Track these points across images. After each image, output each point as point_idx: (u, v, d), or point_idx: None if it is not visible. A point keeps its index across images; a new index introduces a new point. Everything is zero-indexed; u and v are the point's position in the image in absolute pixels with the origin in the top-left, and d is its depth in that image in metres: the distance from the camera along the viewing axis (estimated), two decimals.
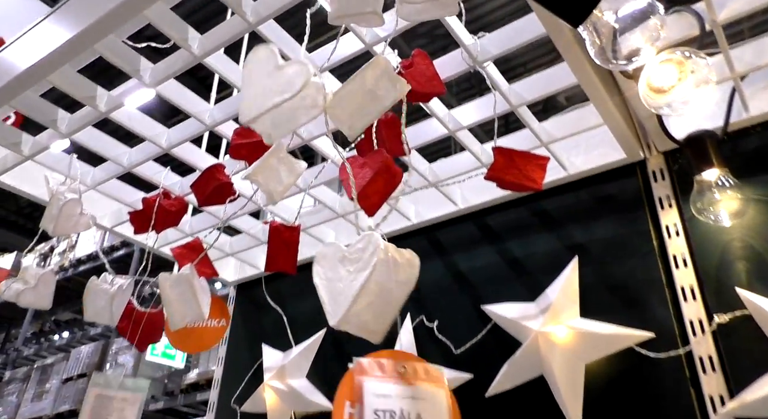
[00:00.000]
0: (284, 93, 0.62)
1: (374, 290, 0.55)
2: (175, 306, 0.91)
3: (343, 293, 0.57)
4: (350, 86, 0.67)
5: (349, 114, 0.69)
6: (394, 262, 0.56)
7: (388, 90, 0.68)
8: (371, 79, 0.68)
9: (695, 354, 1.02)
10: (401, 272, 0.56)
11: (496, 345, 1.27)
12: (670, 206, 1.16)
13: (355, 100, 0.68)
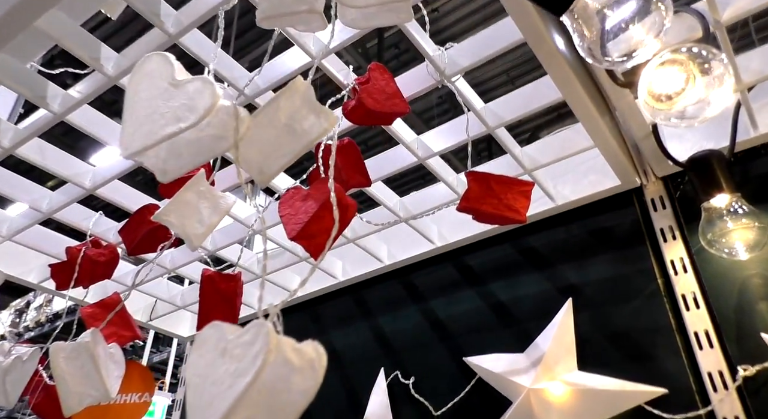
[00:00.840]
0: (180, 121, 0.46)
1: (258, 401, 0.38)
2: (72, 385, 0.72)
3: (213, 403, 0.39)
4: (259, 120, 0.52)
5: (259, 154, 0.53)
6: (287, 364, 0.39)
7: (310, 123, 0.53)
8: (286, 110, 0.52)
9: (718, 414, 0.85)
10: (298, 378, 0.39)
11: (482, 404, 1.09)
12: (674, 239, 1.01)
13: (268, 138, 0.52)
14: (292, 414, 0.38)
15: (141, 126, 0.49)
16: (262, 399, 0.37)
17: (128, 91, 0.52)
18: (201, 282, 0.85)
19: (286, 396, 0.38)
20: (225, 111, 0.48)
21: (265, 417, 0.37)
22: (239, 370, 0.38)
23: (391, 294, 1.35)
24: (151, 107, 0.49)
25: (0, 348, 0.87)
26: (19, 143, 0.93)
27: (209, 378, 0.39)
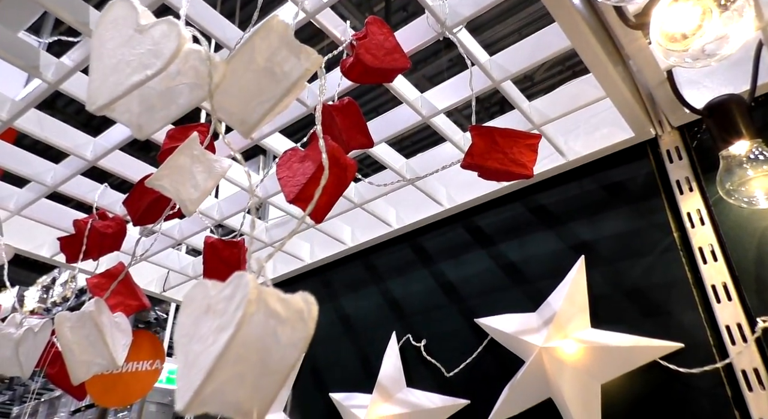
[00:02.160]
0: (147, 68, 0.44)
1: (242, 355, 0.36)
2: (77, 354, 0.72)
3: (197, 361, 0.37)
4: (235, 64, 0.49)
5: (239, 102, 0.50)
6: (273, 315, 0.37)
7: (292, 65, 0.50)
8: (263, 52, 0.49)
9: (737, 367, 0.83)
10: (287, 331, 0.37)
11: (495, 364, 1.08)
12: (691, 190, 0.97)
13: (246, 84, 0.49)
14: (283, 369, 0.36)
15: (107, 78, 0.46)
16: (250, 354, 0.36)
17: (93, 42, 0.50)
18: (204, 249, 0.84)
19: (276, 350, 0.36)
20: (196, 56, 0.46)
21: (255, 373, 0.36)
22: (221, 325, 0.36)
23: (400, 258, 1.34)
24: (116, 57, 0.46)
25: (11, 320, 0.88)
26: (17, 114, 0.92)
27: (194, 336, 0.37)
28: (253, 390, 0.36)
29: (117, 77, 0.46)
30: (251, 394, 0.36)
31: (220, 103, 0.48)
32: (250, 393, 0.36)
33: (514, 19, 4.16)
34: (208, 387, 0.34)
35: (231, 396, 0.36)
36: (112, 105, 0.46)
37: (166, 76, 0.44)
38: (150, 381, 0.98)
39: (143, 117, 0.48)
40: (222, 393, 0.35)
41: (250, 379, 0.36)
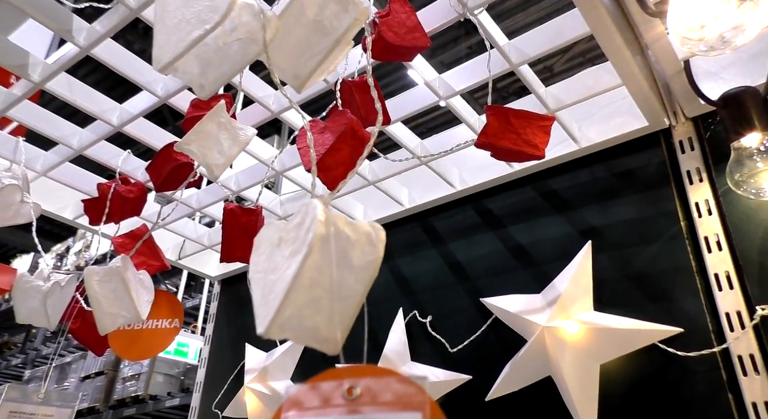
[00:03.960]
0: (206, 23, 0.46)
1: (317, 280, 0.39)
2: (105, 306, 0.77)
3: (274, 289, 0.41)
4: (286, 19, 0.51)
5: (290, 57, 0.52)
6: (343, 239, 0.39)
7: (340, 16, 0.52)
8: (312, 5, 0.51)
9: (733, 352, 0.86)
10: (357, 253, 0.39)
11: (498, 342, 1.11)
12: (701, 181, 0.99)
13: (297, 38, 0.52)
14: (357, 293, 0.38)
15: (170, 37, 0.49)
16: (324, 279, 0.38)
17: (156, 5, 0.52)
18: (223, 215, 0.87)
19: (348, 273, 0.38)
20: (249, 11, 0.48)
21: (330, 297, 0.38)
22: (294, 250, 0.39)
23: (411, 237, 1.37)
24: (177, 16, 0.49)
25: (39, 274, 0.93)
26: (48, 77, 0.96)
27: (269, 269, 0.40)
28: (330, 315, 0.39)
29: (179, 35, 0.48)
30: (328, 319, 0.39)
31: (273, 58, 0.50)
32: (328, 319, 0.39)
33: (536, 8, 4.12)
34: (286, 311, 0.37)
35: (309, 321, 0.38)
36: (175, 63, 0.49)
37: (222, 34, 0.47)
38: (168, 338, 1.03)
39: (204, 76, 0.50)
40: (300, 318, 0.37)
41: (326, 304, 0.38)
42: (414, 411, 0.51)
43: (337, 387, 0.49)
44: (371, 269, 0.44)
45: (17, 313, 0.92)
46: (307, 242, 0.40)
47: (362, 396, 0.49)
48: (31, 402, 0.90)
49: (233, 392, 1.49)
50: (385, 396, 0.51)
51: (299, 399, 0.61)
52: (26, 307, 0.89)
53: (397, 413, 0.50)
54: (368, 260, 0.43)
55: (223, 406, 1.51)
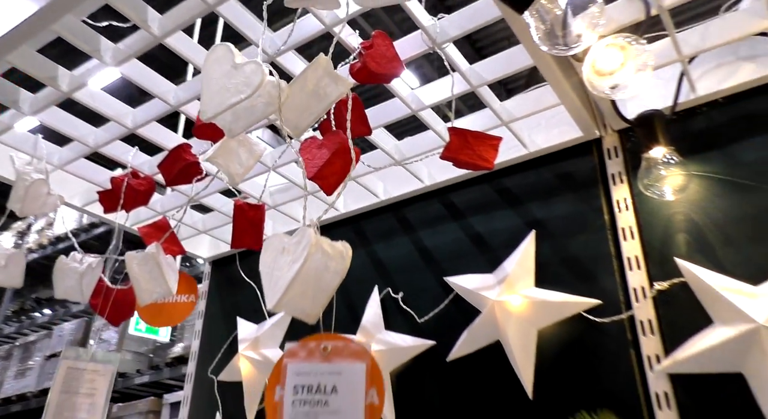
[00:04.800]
0: (241, 93, 0.64)
1: (307, 278, 0.60)
2: (143, 283, 0.95)
3: (279, 281, 0.61)
4: (294, 88, 0.70)
5: (294, 114, 0.72)
6: (325, 254, 0.60)
7: (331, 88, 0.71)
8: (312, 79, 0.70)
9: (637, 318, 1.10)
10: (333, 263, 0.61)
11: (457, 313, 1.34)
12: (622, 182, 1.22)
13: (299, 101, 0.71)
14: (331, 288, 0.60)
15: (213, 98, 0.67)
16: (311, 279, 0.60)
17: (203, 73, 0.70)
18: (234, 210, 1.06)
19: (326, 276, 0.60)
20: (271, 84, 0.67)
21: (313, 289, 0.60)
22: (293, 259, 0.60)
23: (385, 226, 1.57)
24: (219, 84, 0.67)
25: (73, 258, 1.10)
26: (76, 87, 1.11)
27: (274, 268, 0.61)
28: (312, 301, 0.60)
29: (220, 98, 0.66)
30: (312, 303, 0.60)
31: (283, 115, 0.70)
32: (311, 302, 0.60)
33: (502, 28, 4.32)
34: (285, 297, 0.58)
35: (300, 303, 0.59)
36: (216, 116, 0.67)
37: (251, 98, 0.65)
38: (187, 310, 1.21)
39: (234, 124, 0.68)
40: (294, 301, 0.58)
41: (310, 294, 0.59)
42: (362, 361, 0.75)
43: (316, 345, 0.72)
44: (341, 273, 0.65)
45: (56, 290, 1.09)
46: (303, 256, 0.61)
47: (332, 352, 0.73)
48: (82, 360, 1.07)
49: (226, 360, 1.68)
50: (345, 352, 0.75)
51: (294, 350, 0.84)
52: (64, 285, 1.06)
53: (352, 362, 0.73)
54: (340, 268, 0.64)
55: (217, 372, 1.70)
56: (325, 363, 0.72)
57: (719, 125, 1.13)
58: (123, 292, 1.22)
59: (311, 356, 0.73)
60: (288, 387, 0.71)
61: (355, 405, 0.70)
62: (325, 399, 0.71)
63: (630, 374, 1.08)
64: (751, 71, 1.10)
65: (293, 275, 0.58)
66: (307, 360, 0.72)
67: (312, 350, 0.72)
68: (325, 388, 0.72)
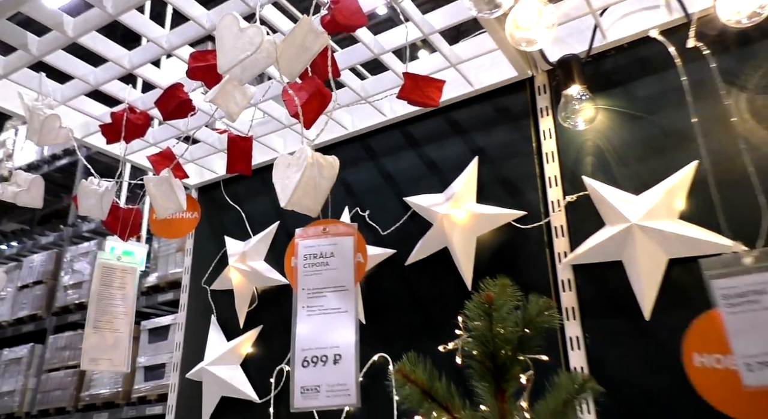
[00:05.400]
0: (247, 51, 0.84)
1: (308, 182, 0.84)
2: (160, 201, 1.18)
3: (287, 187, 0.85)
4: (286, 44, 0.91)
5: (288, 64, 0.93)
6: (319, 165, 0.84)
7: (313, 42, 0.92)
8: (300, 36, 0.91)
9: (552, 224, 1.40)
10: (326, 171, 0.85)
11: (414, 227, 1.62)
12: (548, 115, 1.48)
13: (291, 54, 0.92)
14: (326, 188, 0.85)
15: (226, 56, 0.87)
16: (310, 182, 0.84)
17: (217, 37, 0.90)
18: (228, 142, 1.27)
19: (322, 181, 0.84)
20: (269, 42, 0.88)
21: (313, 191, 0.84)
22: (297, 169, 0.84)
23: (353, 154, 1.81)
24: (229, 44, 0.87)
25: (91, 181, 1.31)
26: (81, 33, 1.27)
27: (284, 177, 0.85)
28: (313, 199, 0.85)
29: (232, 56, 0.86)
30: (313, 201, 0.85)
31: (279, 65, 0.91)
32: (312, 201, 0.85)
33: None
34: (294, 198, 0.82)
35: (304, 201, 0.84)
36: (230, 70, 0.87)
37: (255, 53, 0.86)
38: (192, 225, 1.45)
39: (243, 75, 0.89)
40: (300, 200, 0.83)
41: (311, 194, 0.84)
42: (351, 236, 1.02)
43: (318, 228, 0.99)
44: (332, 177, 0.90)
45: (80, 207, 1.31)
46: (303, 166, 0.85)
47: (329, 230, 0.99)
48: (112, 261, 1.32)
49: (217, 272, 1.95)
50: (339, 230, 1.02)
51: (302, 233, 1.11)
52: (87, 203, 1.28)
53: (344, 236, 1.01)
54: (332, 174, 0.89)
55: (209, 283, 1.98)
56: (324, 238, 0.98)
57: (622, 67, 1.39)
58: (131, 212, 1.45)
59: (315, 235, 0.99)
60: (300, 256, 0.97)
61: (347, 263, 0.97)
62: (326, 261, 0.98)
63: (544, 266, 1.39)
64: (648, 20, 1.34)
65: (297, 181, 0.82)
66: (312, 237, 0.98)
67: (315, 231, 0.98)
68: (325, 254, 0.99)
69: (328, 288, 0.98)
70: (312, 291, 0.98)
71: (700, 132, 1.23)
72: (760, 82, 1.20)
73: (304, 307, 0.98)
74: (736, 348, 0.79)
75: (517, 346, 0.82)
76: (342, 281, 0.99)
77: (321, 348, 0.98)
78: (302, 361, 0.95)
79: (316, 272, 0.99)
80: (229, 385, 1.73)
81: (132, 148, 1.82)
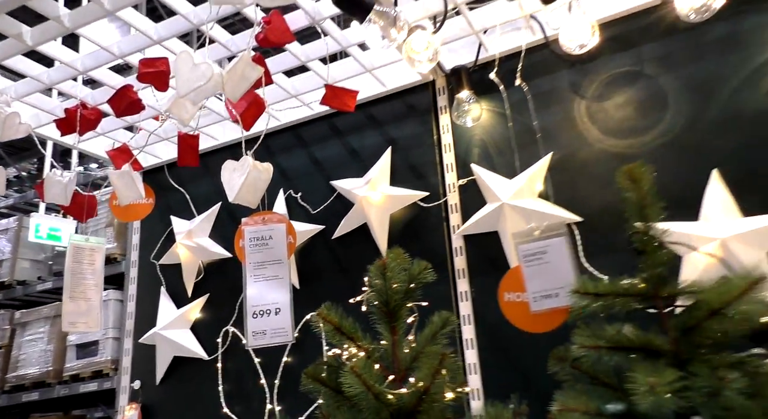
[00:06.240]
0: (200, 81, 1.09)
1: (249, 183, 1.12)
2: (123, 191, 1.40)
3: (234, 186, 1.13)
4: (230, 75, 1.17)
5: (231, 89, 1.19)
6: (258, 170, 1.13)
7: (251, 73, 1.18)
8: (240, 69, 1.17)
9: (449, 203, 1.75)
10: (263, 175, 1.13)
11: (339, 206, 1.93)
12: (446, 113, 1.82)
13: (234, 83, 1.18)
14: (262, 188, 1.13)
15: (183, 84, 1.12)
16: (251, 183, 1.12)
17: (175, 69, 1.14)
18: (178, 140, 1.51)
19: (260, 182, 1.13)
20: (218, 75, 1.13)
21: (253, 189, 1.12)
22: (241, 173, 1.11)
23: (287, 143, 2.08)
24: (185, 76, 1.11)
25: (55, 173, 1.51)
26: (41, 41, 1.45)
27: (231, 178, 1.12)
28: (254, 196, 1.13)
29: (188, 85, 1.10)
30: (253, 197, 1.13)
31: (225, 92, 1.17)
32: (253, 197, 1.13)
33: None
34: (239, 194, 1.10)
35: (246, 197, 1.12)
36: (186, 95, 1.11)
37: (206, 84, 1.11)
38: (148, 209, 1.68)
39: (195, 98, 1.14)
40: (244, 197, 1.11)
41: (252, 192, 1.12)
42: (284, 223, 1.32)
43: (258, 217, 1.28)
44: (268, 180, 1.19)
45: (46, 196, 1.49)
46: (246, 171, 1.13)
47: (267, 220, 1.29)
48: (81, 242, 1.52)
49: (165, 249, 2.18)
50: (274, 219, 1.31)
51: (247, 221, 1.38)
52: (52, 192, 1.47)
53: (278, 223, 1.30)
54: (267, 177, 1.17)
55: (157, 258, 2.20)
56: (264, 225, 1.28)
57: (500, 76, 1.73)
58: (88, 198, 1.66)
59: (256, 223, 1.28)
60: (246, 239, 1.26)
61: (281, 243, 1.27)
62: (266, 242, 1.28)
63: (442, 237, 1.74)
64: (518, 39, 1.68)
65: (242, 182, 1.10)
66: (255, 225, 1.27)
67: (257, 220, 1.27)
68: (265, 237, 1.28)
69: (268, 262, 1.28)
70: (256, 264, 1.27)
71: (555, 129, 1.61)
72: (595, 93, 1.58)
73: (251, 276, 1.27)
74: (528, 288, 1.18)
75: (404, 296, 1.15)
76: (278, 256, 1.29)
77: (265, 304, 1.28)
78: (252, 314, 1.24)
79: (259, 250, 1.28)
80: (181, 346, 1.99)
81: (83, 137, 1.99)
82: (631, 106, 1.52)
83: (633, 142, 1.50)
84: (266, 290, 1.34)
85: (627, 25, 1.57)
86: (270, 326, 1.22)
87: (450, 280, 1.70)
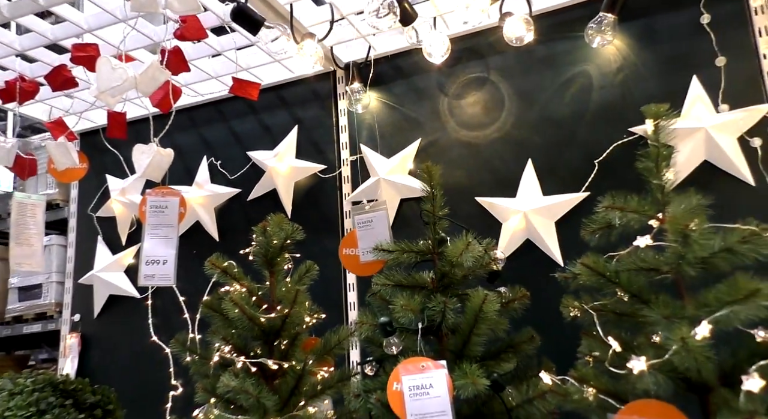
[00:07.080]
0: (117, 82, 1.39)
1: (154, 164, 1.46)
2: (59, 158, 1.70)
3: (142, 165, 1.47)
4: (143, 76, 1.47)
5: (144, 87, 1.49)
6: (160, 154, 1.46)
7: (159, 76, 1.49)
8: (151, 72, 1.48)
9: (342, 175, 2.13)
10: (165, 158, 1.47)
11: (254, 174, 2.28)
12: (343, 98, 2.17)
13: (146, 83, 1.48)
14: (164, 168, 1.48)
15: (103, 83, 1.41)
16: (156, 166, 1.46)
17: (97, 71, 1.43)
18: (108, 115, 1.80)
19: (162, 163, 1.47)
20: (132, 78, 1.44)
21: (156, 171, 1.47)
22: (148, 155, 1.45)
23: (209, 116, 2.38)
24: (105, 76, 1.41)
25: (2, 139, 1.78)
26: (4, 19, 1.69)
27: (140, 159, 1.46)
28: (158, 173, 1.47)
29: (108, 83, 1.40)
30: (158, 174, 1.47)
31: (139, 90, 1.47)
32: (158, 174, 1.47)
33: None
34: (147, 171, 1.44)
35: (153, 174, 1.46)
36: (104, 92, 1.41)
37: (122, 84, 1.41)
38: (83, 172, 1.97)
39: (113, 92, 1.44)
40: (151, 173, 1.45)
41: (156, 171, 1.46)
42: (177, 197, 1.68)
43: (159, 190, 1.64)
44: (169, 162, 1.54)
45: None
46: (152, 154, 1.47)
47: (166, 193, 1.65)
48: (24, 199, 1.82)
49: (101, 203, 2.48)
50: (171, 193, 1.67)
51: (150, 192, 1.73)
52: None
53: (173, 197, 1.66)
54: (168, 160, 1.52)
55: (94, 211, 2.50)
56: (162, 197, 1.62)
57: (387, 70, 2.09)
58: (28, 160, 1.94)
59: (156, 194, 1.62)
60: (147, 206, 1.60)
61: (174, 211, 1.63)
62: (162, 210, 1.62)
63: (336, 203, 2.14)
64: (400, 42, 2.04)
65: (148, 163, 1.43)
66: (155, 196, 1.62)
67: (157, 192, 1.61)
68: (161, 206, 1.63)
69: (162, 225, 1.63)
70: (153, 226, 1.62)
71: (425, 120, 2.00)
72: (454, 92, 1.97)
73: (148, 234, 1.63)
74: (360, 245, 1.61)
75: (280, 248, 1.54)
76: (170, 222, 1.65)
77: (156, 256, 1.64)
78: (146, 261, 1.61)
79: (156, 215, 1.63)
80: (116, 286, 2.34)
81: None
82: (479, 105, 1.93)
83: (478, 134, 1.92)
84: (158, 245, 1.69)
85: (478, 40, 1.95)
86: (158, 272, 1.60)
87: (340, 236, 2.11)
